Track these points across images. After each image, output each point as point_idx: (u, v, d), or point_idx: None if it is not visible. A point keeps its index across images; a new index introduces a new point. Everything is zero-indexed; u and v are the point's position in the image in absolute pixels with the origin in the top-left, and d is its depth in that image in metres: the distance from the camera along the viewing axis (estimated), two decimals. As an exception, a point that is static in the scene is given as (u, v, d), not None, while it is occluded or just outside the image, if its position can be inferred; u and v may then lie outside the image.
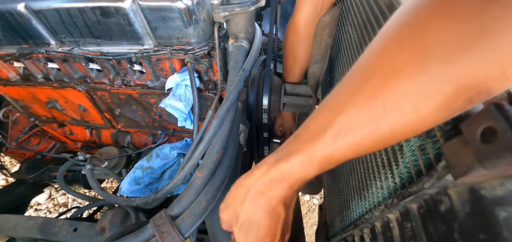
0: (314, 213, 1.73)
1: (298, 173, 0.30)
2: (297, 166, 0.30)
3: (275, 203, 0.35)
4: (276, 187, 0.33)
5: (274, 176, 0.32)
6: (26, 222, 0.68)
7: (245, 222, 0.36)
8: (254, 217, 0.35)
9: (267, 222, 0.35)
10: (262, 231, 0.36)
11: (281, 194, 0.33)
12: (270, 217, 0.35)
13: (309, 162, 0.29)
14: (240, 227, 0.37)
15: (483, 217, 0.17)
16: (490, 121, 0.15)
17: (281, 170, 0.31)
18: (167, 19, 0.53)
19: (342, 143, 0.24)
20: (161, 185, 0.81)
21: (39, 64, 0.75)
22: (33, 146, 1.03)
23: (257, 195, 0.34)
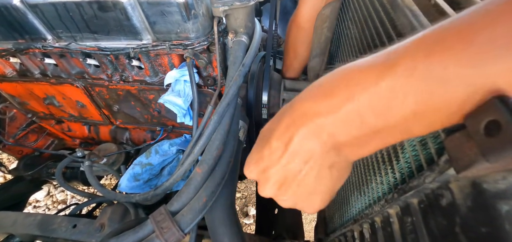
0: (313, 209, 1.74)
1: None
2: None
3: (347, 166, 0.26)
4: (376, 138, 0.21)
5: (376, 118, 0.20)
6: (25, 219, 0.67)
7: (304, 188, 0.26)
8: (321, 183, 0.26)
9: (336, 188, 0.27)
10: (325, 201, 0.27)
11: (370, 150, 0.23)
12: (332, 190, 0.27)
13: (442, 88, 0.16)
14: (295, 189, 0.27)
15: (485, 210, 0.17)
16: (494, 114, 0.14)
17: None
18: (166, 13, 0.53)
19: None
20: (160, 181, 0.81)
21: (35, 59, 0.74)
22: (30, 142, 1.03)
23: (335, 146, 0.23)
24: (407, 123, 0.19)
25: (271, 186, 0.28)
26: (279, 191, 0.28)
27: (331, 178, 0.26)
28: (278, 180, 0.27)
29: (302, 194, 0.27)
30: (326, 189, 0.27)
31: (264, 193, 0.29)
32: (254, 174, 0.29)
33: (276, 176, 0.27)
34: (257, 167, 0.28)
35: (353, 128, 0.21)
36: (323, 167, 0.25)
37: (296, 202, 0.28)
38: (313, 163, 0.24)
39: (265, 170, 0.27)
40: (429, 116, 0.18)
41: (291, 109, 0.25)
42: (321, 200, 0.27)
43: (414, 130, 0.19)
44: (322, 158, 0.24)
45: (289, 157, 0.25)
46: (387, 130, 0.20)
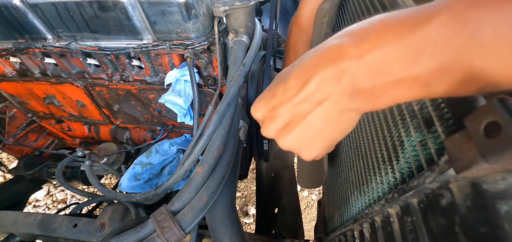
0: (313, 209, 1.74)
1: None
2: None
3: (359, 116, 0.26)
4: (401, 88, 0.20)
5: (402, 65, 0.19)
6: (26, 218, 0.68)
7: (309, 130, 0.26)
8: (327, 129, 0.26)
9: (338, 139, 0.27)
10: (325, 149, 0.28)
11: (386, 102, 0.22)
12: (335, 138, 0.27)
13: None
14: (299, 131, 0.27)
15: (485, 210, 0.17)
16: (494, 115, 0.15)
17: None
18: (166, 13, 0.53)
19: None
20: (160, 181, 0.82)
21: (35, 59, 0.74)
22: (30, 142, 1.03)
23: (353, 92, 0.23)
24: (429, 77, 0.19)
25: (276, 125, 0.28)
26: (283, 131, 0.28)
27: (338, 125, 0.26)
28: (285, 119, 0.27)
29: (305, 137, 0.27)
30: (329, 136, 0.27)
31: (267, 131, 0.29)
32: (262, 112, 0.29)
33: (284, 115, 0.27)
34: (267, 105, 0.28)
35: (376, 75, 0.21)
36: (335, 111, 0.25)
37: (296, 145, 0.28)
38: (326, 106, 0.24)
39: (274, 108, 0.27)
40: (453, 74, 0.17)
41: (316, 52, 0.25)
42: (321, 147, 0.28)
43: (434, 86, 0.19)
44: (336, 102, 0.24)
45: (304, 96, 0.25)
46: (408, 81, 0.20)
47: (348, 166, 0.54)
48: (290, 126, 0.27)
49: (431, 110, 0.25)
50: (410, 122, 0.29)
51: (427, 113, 0.26)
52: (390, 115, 0.35)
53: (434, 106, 0.25)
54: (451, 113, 0.22)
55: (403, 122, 0.31)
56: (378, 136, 0.38)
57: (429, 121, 0.25)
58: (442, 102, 0.24)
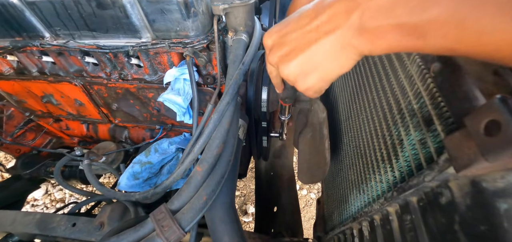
0: (311, 207, 1.75)
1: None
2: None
3: (356, 58, 0.27)
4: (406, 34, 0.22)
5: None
6: (24, 218, 0.67)
7: (311, 59, 0.28)
8: (327, 61, 0.28)
9: (334, 75, 0.28)
10: (320, 82, 0.29)
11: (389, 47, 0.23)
12: (332, 74, 0.28)
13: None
14: (301, 58, 0.29)
15: (484, 208, 0.17)
16: (494, 114, 0.15)
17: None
18: (165, 11, 0.52)
19: None
20: (160, 179, 0.81)
21: (33, 57, 0.74)
22: (28, 141, 1.02)
23: (360, 29, 0.24)
24: (427, 27, 0.20)
25: (282, 51, 0.30)
26: (286, 57, 0.30)
27: (337, 59, 0.27)
28: (293, 46, 0.29)
29: (305, 66, 0.29)
30: (327, 69, 0.28)
31: (272, 57, 0.31)
32: (273, 39, 0.31)
33: (293, 42, 0.29)
34: (279, 32, 0.30)
35: (381, 16, 0.22)
36: (338, 44, 0.26)
37: (295, 73, 0.30)
38: (332, 37, 0.26)
39: (285, 35, 0.29)
40: (451, 28, 0.18)
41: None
42: (317, 79, 0.29)
43: (431, 39, 0.20)
44: (342, 35, 0.26)
45: (315, 25, 0.27)
46: (408, 28, 0.21)
47: (348, 165, 0.54)
48: (294, 53, 0.29)
49: (431, 109, 0.25)
50: (410, 120, 0.29)
51: (426, 112, 0.26)
52: (390, 114, 0.35)
53: (434, 105, 0.25)
54: (451, 112, 0.22)
55: (403, 121, 0.31)
56: (378, 135, 0.38)
57: (429, 119, 0.25)
58: (442, 101, 0.24)
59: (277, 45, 0.30)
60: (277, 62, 0.31)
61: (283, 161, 1.07)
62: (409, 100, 0.30)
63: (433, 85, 0.25)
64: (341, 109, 0.63)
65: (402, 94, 0.32)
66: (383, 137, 0.36)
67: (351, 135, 0.53)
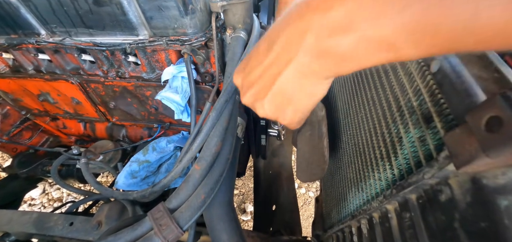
0: (310, 206, 1.75)
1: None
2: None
3: (326, 83, 0.25)
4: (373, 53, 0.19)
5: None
6: (21, 217, 0.67)
7: (281, 94, 0.26)
8: (296, 93, 0.25)
9: (308, 106, 0.27)
10: (297, 114, 0.28)
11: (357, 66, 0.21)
12: (305, 104, 0.27)
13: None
14: (271, 96, 0.27)
15: (485, 205, 0.17)
16: (496, 110, 0.14)
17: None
18: (163, 8, 0.52)
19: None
20: (158, 178, 0.81)
21: (29, 55, 0.73)
22: (25, 140, 1.01)
23: (318, 52, 0.22)
24: (396, 37, 0.18)
25: (252, 90, 0.28)
26: (258, 96, 0.28)
27: (303, 89, 0.25)
28: (260, 83, 0.27)
29: (279, 102, 0.27)
30: (299, 101, 0.26)
31: (245, 99, 0.29)
32: (240, 78, 0.29)
33: (259, 80, 0.27)
34: (244, 71, 0.28)
35: (340, 32, 0.20)
36: (298, 73, 0.24)
37: (272, 111, 0.28)
38: (291, 67, 0.24)
39: (250, 73, 0.27)
40: (421, 34, 0.17)
41: (286, 12, 0.24)
42: (294, 111, 0.27)
43: (403, 49, 0.18)
44: (300, 63, 0.23)
45: (272, 58, 0.25)
46: (375, 40, 0.19)
47: (346, 163, 0.54)
48: (263, 91, 0.27)
49: (430, 106, 0.25)
50: (409, 118, 0.29)
51: (426, 109, 0.26)
52: (389, 111, 0.35)
53: (433, 102, 0.25)
54: (451, 109, 0.22)
55: (402, 118, 0.31)
56: (377, 133, 0.38)
57: (428, 116, 0.25)
58: (442, 98, 0.23)
59: (246, 85, 0.28)
60: (252, 103, 0.29)
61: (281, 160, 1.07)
62: (409, 97, 0.30)
63: (432, 82, 0.25)
64: (340, 107, 0.63)
65: (401, 92, 0.32)
66: (382, 134, 0.36)
67: (350, 133, 0.53)
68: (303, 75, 0.24)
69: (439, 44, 0.16)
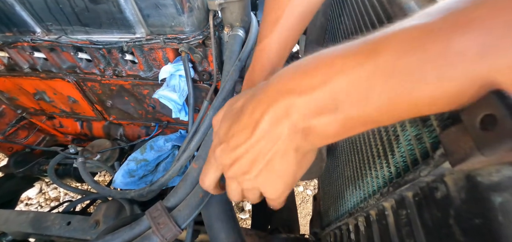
0: (308, 204, 1.76)
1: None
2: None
3: (311, 151, 0.26)
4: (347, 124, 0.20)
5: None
6: (18, 217, 0.66)
7: (272, 169, 0.25)
8: (277, 167, 0.25)
9: (289, 180, 0.26)
10: (278, 190, 0.27)
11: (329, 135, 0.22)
12: (296, 175, 0.26)
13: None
14: (261, 170, 0.26)
15: (479, 202, 0.17)
16: (490, 108, 0.15)
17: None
18: (160, 6, 0.52)
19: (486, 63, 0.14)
20: (155, 177, 0.81)
21: (24, 53, 0.72)
22: (21, 139, 1.00)
23: (304, 130, 0.22)
24: (380, 114, 0.19)
25: (236, 167, 0.27)
26: (245, 170, 0.27)
27: (295, 162, 0.25)
28: (244, 160, 0.26)
29: (266, 177, 0.26)
30: (289, 173, 0.26)
31: (229, 173, 0.28)
32: (224, 156, 0.27)
33: (244, 157, 0.26)
34: (228, 146, 0.27)
35: (326, 113, 0.20)
36: (289, 149, 0.24)
37: (258, 185, 0.27)
38: (280, 144, 0.24)
39: (233, 149, 0.26)
40: (401, 109, 0.18)
41: (266, 86, 0.24)
42: (284, 184, 0.27)
43: (386, 121, 0.19)
44: (289, 140, 0.23)
45: (258, 136, 0.24)
46: (360, 120, 0.20)
47: (344, 161, 0.54)
48: (254, 166, 0.26)
49: (426, 104, 0.25)
50: (406, 116, 0.29)
51: (422, 107, 0.26)
52: (386, 110, 0.35)
53: (429, 100, 0.25)
54: (447, 107, 0.22)
55: (399, 116, 0.31)
56: (374, 131, 0.39)
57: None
58: (438, 96, 0.24)
59: (230, 161, 0.27)
60: (236, 179, 0.28)
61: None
62: (405, 96, 0.30)
63: (429, 81, 0.25)
64: (337, 106, 0.64)
65: (398, 90, 0.32)
66: (379, 133, 0.36)
67: (347, 131, 0.54)
68: (295, 150, 0.24)
69: (408, 113, 0.18)
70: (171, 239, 0.47)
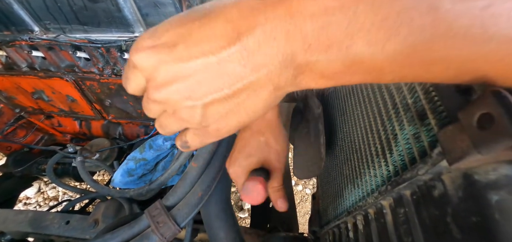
0: (307, 203, 1.76)
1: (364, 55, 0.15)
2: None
3: (281, 95, 0.20)
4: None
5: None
6: (16, 216, 0.66)
7: (232, 101, 0.18)
8: (251, 103, 0.19)
9: (244, 121, 0.20)
10: (237, 125, 0.20)
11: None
12: (260, 114, 0.20)
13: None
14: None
15: (476, 200, 0.17)
16: (487, 107, 0.15)
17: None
18: (159, 5, 0.51)
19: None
20: (154, 176, 0.81)
21: (22, 52, 0.72)
22: (19, 138, 1.00)
23: (299, 66, 0.17)
24: (390, 64, 0.15)
25: (177, 86, 0.18)
26: (186, 98, 0.18)
27: (263, 105, 0.19)
28: (194, 81, 0.17)
29: (220, 111, 0.19)
30: (249, 114, 0.20)
31: (159, 93, 0.19)
32: (154, 58, 0.18)
33: (194, 76, 0.17)
34: (170, 53, 0.17)
35: (335, 46, 0.15)
36: (269, 84, 0.18)
37: (204, 118, 0.19)
38: (262, 74, 0.17)
39: (179, 60, 0.17)
40: (415, 65, 0.15)
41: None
42: (237, 125, 0.20)
43: (387, 75, 0.16)
44: (276, 72, 0.17)
45: (235, 54, 0.16)
46: (367, 63, 0.15)
47: (342, 160, 0.54)
48: (209, 92, 0.18)
49: (424, 103, 0.25)
50: (404, 115, 0.30)
51: (420, 106, 0.26)
52: (384, 109, 0.36)
53: (427, 100, 0.25)
54: (444, 106, 0.22)
55: (397, 116, 0.32)
56: (372, 130, 0.39)
57: (423, 114, 0.26)
58: (436, 95, 0.24)
59: (167, 80, 0.18)
60: (175, 101, 0.19)
61: (279, 157, 1.07)
62: (404, 95, 0.30)
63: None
64: (336, 105, 0.64)
65: (397, 89, 0.32)
66: (378, 131, 0.36)
67: (346, 130, 0.54)
68: (272, 86, 0.18)
69: (420, 73, 0.15)
70: (170, 238, 0.47)
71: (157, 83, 0.18)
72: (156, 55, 0.18)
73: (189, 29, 0.17)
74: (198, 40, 0.17)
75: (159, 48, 0.18)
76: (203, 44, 0.17)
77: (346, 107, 0.55)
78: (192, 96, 0.18)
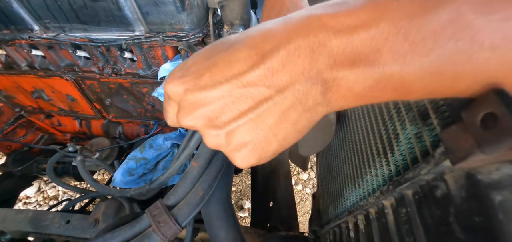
0: (307, 202, 1.76)
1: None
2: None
3: (318, 116, 0.19)
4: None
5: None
6: (16, 215, 0.66)
7: (261, 126, 0.18)
8: (271, 123, 0.18)
9: (280, 148, 0.19)
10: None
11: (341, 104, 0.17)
12: (292, 140, 0.19)
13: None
14: (250, 125, 0.18)
15: (479, 200, 0.17)
16: (491, 107, 0.15)
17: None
18: (159, 3, 0.51)
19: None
20: (155, 176, 0.81)
21: (22, 51, 0.72)
22: (19, 137, 1.00)
23: (327, 81, 0.17)
24: (420, 80, 0.15)
25: (206, 111, 0.18)
26: (212, 119, 0.18)
27: (296, 125, 0.18)
28: (221, 106, 0.18)
29: (247, 133, 0.18)
30: (280, 138, 0.19)
31: (190, 120, 0.19)
32: (181, 90, 0.18)
33: (222, 100, 0.17)
34: (193, 79, 0.18)
35: (362, 61, 0.15)
36: (297, 103, 0.17)
37: (231, 141, 0.19)
38: (289, 93, 0.17)
39: (205, 87, 0.17)
40: (444, 81, 0.15)
41: (286, 20, 0.17)
42: (268, 151, 0.19)
43: (416, 92, 0.16)
44: (303, 90, 0.17)
45: (260, 75, 0.16)
46: (395, 80, 0.15)
47: (343, 159, 0.54)
48: (233, 114, 0.18)
49: (426, 103, 0.25)
50: (406, 115, 0.30)
51: (422, 106, 0.26)
52: (386, 108, 0.35)
53: (430, 99, 0.25)
54: (446, 106, 0.22)
55: (399, 115, 0.31)
56: (373, 130, 0.39)
57: (425, 113, 0.26)
58: (438, 95, 0.24)
59: (193, 103, 0.18)
60: (200, 128, 0.19)
61: (278, 156, 1.07)
62: (405, 94, 0.30)
63: (429, 79, 0.25)
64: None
65: (398, 89, 0.32)
66: (379, 131, 0.36)
67: (347, 130, 0.54)
68: (305, 109, 0.18)
69: (448, 88, 0.15)
70: (171, 238, 0.47)
71: (184, 111, 0.19)
72: (183, 85, 0.18)
73: (215, 59, 0.18)
74: (222, 68, 0.17)
75: (186, 78, 0.18)
76: (227, 71, 0.17)
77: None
78: (215, 123, 0.18)
